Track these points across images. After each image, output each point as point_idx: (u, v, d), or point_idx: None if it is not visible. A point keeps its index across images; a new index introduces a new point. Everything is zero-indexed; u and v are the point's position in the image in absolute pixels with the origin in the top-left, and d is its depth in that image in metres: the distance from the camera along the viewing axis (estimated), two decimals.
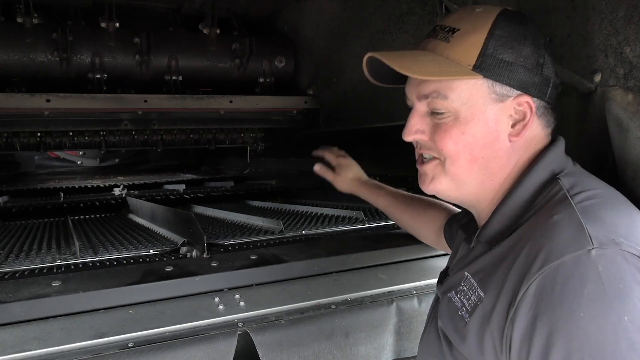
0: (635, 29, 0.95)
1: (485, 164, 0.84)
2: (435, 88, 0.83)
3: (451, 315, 0.85)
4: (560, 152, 0.85)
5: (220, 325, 1.08)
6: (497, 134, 0.82)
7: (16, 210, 2.33)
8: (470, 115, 0.82)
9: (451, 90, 0.82)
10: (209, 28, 2.75)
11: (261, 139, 3.32)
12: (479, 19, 0.83)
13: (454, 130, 0.83)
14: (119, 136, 2.91)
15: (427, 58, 0.84)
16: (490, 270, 0.79)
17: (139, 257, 1.38)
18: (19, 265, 1.31)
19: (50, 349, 0.96)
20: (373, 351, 1.21)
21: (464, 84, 0.81)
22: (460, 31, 0.82)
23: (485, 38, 0.80)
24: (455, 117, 0.83)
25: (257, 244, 1.52)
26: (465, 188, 0.87)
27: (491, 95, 0.81)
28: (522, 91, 0.81)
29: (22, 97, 2.34)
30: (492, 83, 0.81)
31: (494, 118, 0.82)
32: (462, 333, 0.80)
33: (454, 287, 0.88)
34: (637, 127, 0.93)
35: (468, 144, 0.82)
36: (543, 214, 0.77)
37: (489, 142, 0.82)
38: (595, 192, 0.77)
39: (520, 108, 0.82)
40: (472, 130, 0.82)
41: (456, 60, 0.81)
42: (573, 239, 0.69)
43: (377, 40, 2.23)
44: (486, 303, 0.77)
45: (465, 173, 0.85)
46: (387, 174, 2.41)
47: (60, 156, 4.50)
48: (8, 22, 2.44)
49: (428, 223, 1.37)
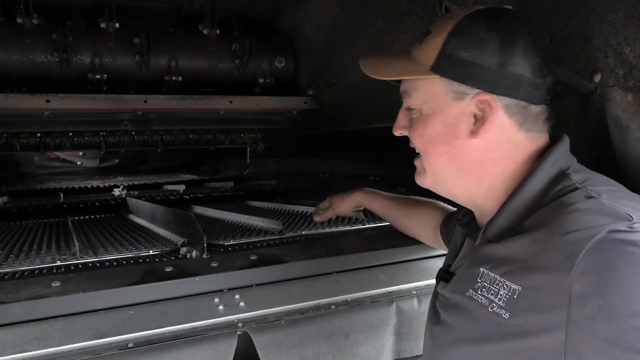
0: (635, 30, 0.95)
1: (454, 159, 0.87)
2: (405, 88, 0.91)
3: (479, 313, 0.82)
4: (566, 150, 0.86)
5: (220, 325, 1.08)
6: (456, 130, 0.85)
7: (16, 211, 2.33)
8: (431, 112, 0.87)
9: (415, 89, 0.89)
10: (208, 28, 2.75)
11: (261, 140, 3.32)
12: (446, 21, 0.86)
13: (418, 125, 0.89)
14: (119, 136, 2.91)
15: (399, 61, 0.92)
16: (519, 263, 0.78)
17: (139, 258, 1.38)
18: (19, 266, 1.31)
19: (50, 349, 0.96)
20: (373, 352, 1.21)
21: (426, 83, 0.87)
22: (431, 34, 0.87)
23: (445, 39, 0.84)
24: (420, 113, 0.89)
25: (257, 245, 1.51)
26: (447, 183, 0.91)
27: (449, 94, 0.85)
28: (483, 89, 0.82)
29: (21, 98, 2.33)
30: (449, 82, 0.84)
31: (453, 115, 0.85)
32: (504, 328, 0.78)
33: (470, 285, 0.86)
34: (637, 128, 0.94)
35: (430, 139, 0.88)
36: (562, 203, 0.77)
37: (449, 138, 0.86)
38: (608, 187, 0.78)
39: (482, 106, 0.84)
40: (432, 125, 0.87)
41: (419, 61, 0.87)
42: (608, 218, 0.70)
43: (377, 41, 2.23)
44: (527, 293, 0.75)
45: (438, 167, 0.90)
46: (387, 174, 2.41)
47: (60, 157, 4.49)
48: (8, 23, 2.44)
49: (424, 222, 1.38)
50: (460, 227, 1.01)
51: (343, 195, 1.66)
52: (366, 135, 2.50)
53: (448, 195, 0.95)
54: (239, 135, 3.22)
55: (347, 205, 1.65)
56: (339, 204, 1.66)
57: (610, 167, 0.98)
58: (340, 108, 2.68)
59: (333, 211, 1.67)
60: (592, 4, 1.02)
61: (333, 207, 1.67)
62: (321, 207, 1.72)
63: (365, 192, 1.61)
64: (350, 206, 1.65)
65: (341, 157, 2.81)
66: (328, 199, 1.71)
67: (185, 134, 3.06)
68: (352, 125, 2.56)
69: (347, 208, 1.66)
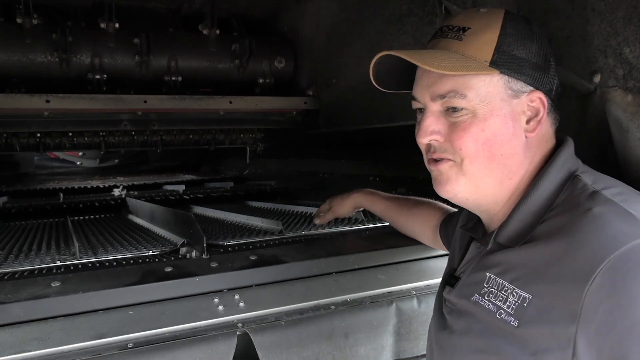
0: (634, 30, 0.95)
1: (504, 162, 0.83)
2: (453, 87, 0.82)
3: (486, 320, 0.81)
4: (572, 152, 0.86)
5: (219, 325, 1.08)
6: (514, 130, 0.82)
7: (16, 211, 2.33)
8: (489, 112, 0.81)
9: (469, 88, 0.81)
10: (208, 29, 2.75)
11: (261, 140, 3.32)
12: (488, 18, 0.83)
13: (473, 128, 0.81)
14: (119, 137, 2.91)
15: (444, 55, 0.83)
16: (531, 270, 0.77)
17: (139, 258, 1.38)
18: (19, 266, 1.30)
19: (50, 349, 0.96)
20: (372, 352, 1.21)
21: (481, 81, 0.81)
22: (472, 29, 0.82)
23: (499, 35, 0.81)
24: (473, 114, 0.82)
25: (257, 245, 1.51)
26: (484, 189, 0.85)
27: (507, 92, 0.82)
28: (534, 87, 0.82)
29: (21, 98, 2.33)
30: (508, 79, 0.81)
31: (510, 114, 0.82)
32: (512, 337, 0.76)
33: (476, 290, 0.85)
34: (637, 128, 0.94)
35: (487, 141, 0.81)
36: (576, 208, 0.76)
37: (507, 139, 0.82)
38: (619, 188, 0.78)
39: (533, 104, 0.83)
40: (491, 127, 0.81)
41: (472, 56, 0.81)
42: (630, 227, 0.69)
43: (376, 41, 2.23)
44: (538, 303, 0.74)
45: (484, 172, 0.83)
46: (386, 174, 2.42)
47: (60, 157, 4.49)
48: (8, 23, 2.44)
49: (423, 222, 1.38)
50: (465, 232, 1.00)
51: (342, 196, 1.65)
52: (366, 136, 2.50)
53: (473, 204, 0.89)
54: (238, 135, 3.22)
55: (347, 207, 1.65)
56: (338, 206, 1.66)
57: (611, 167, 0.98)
58: (340, 108, 2.68)
59: (333, 213, 1.67)
60: (592, 4, 1.02)
61: (333, 210, 1.67)
62: (321, 209, 1.72)
63: (364, 193, 1.60)
64: (350, 207, 1.65)
65: (341, 157, 2.81)
66: (327, 201, 1.70)
67: (185, 134, 3.06)
68: (352, 126, 2.56)
69: (347, 209, 1.66)
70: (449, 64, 0.80)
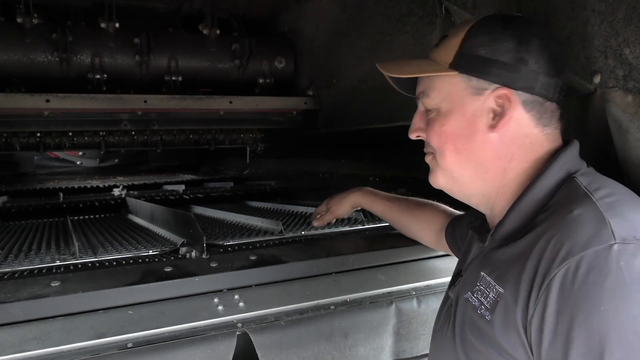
0: (634, 30, 0.95)
1: (471, 156, 0.87)
2: (423, 88, 0.92)
3: (470, 315, 0.84)
4: (575, 154, 0.86)
5: (219, 325, 1.08)
6: (475, 125, 0.86)
7: (15, 211, 2.33)
8: (449, 109, 0.88)
9: (432, 88, 0.90)
10: (208, 29, 2.75)
11: (261, 140, 3.32)
12: (463, 24, 0.90)
13: (436, 124, 0.90)
14: (119, 136, 2.91)
15: (417, 62, 0.94)
16: (508, 266, 0.79)
17: (138, 258, 1.38)
18: (18, 266, 1.31)
19: (50, 349, 0.96)
20: (372, 352, 1.21)
21: (443, 81, 0.89)
22: (447, 37, 0.91)
23: (462, 39, 0.87)
24: (438, 112, 0.90)
25: (257, 245, 1.51)
26: (462, 180, 0.91)
27: (468, 90, 0.86)
28: (501, 84, 0.84)
29: (21, 97, 2.33)
30: (468, 78, 0.86)
31: (472, 111, 0.86)
32: (485, 331, 0.79)
33: (469, 288, 0.87)
34: (637, 129, 0.93)
35: (448, 136, 0.88)
36: (563, 209, 0.77)
37: (469, 134, 0.87)
38: (614, 190, 0.78)
39: (501, 100, 0.85)
40: (451, 122, 0.88)
41: (437, 60, 0.90)
42: (596, 234, 0.69)
43: (376, 42, 2.23)
44: (506, 298, 0.76)
45: (454, 165, 0.89)
46: (386, 174, 2.42)
47: (60, 156, 4.49)
48: (8, 23, 2.44)
49: (427, 225, 1.37)
50: (472, 231, 1.01)
51: (340, 196, 1.62)
52: (366, 136, 2.50)
53: (462, 196, 0.95)
54: (238, 135, 3.22)
55: (345, 207, 1.61)
56: (336, 207, 1.62)
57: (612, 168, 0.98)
58: (340, 108, 2.68)
59: (331, 215, 1.64)
60: (592, 4, 1.02)
61: (331, 211, 1.63)
62: (318, 211, 1.69)
63: (363, 193, 1.58)
64: (348, 207, 1.62)
65: (341, 158, 2.81)
66: (325, 202, 1.67)
67: (185, 134, 3.06)
68: (351, 126, 2.56)
69: (345, 210, 1.62)
70: (410, 69, 0.93)
